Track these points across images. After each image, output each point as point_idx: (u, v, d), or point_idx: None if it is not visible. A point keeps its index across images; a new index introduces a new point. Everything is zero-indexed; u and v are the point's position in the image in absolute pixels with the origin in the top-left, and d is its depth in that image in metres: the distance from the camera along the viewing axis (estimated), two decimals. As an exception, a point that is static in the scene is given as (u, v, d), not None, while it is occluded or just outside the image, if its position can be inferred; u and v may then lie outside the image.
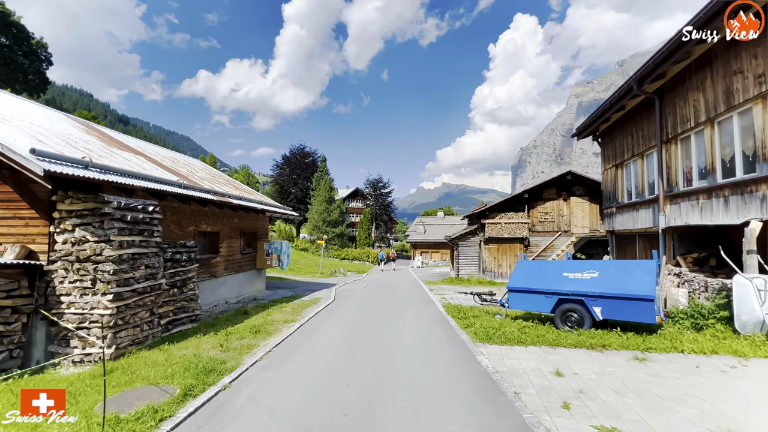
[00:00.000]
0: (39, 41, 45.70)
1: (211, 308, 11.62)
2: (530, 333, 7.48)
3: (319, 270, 26.87)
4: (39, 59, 46.59)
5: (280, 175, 62.46)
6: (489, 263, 21.24)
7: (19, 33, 43.02)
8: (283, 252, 15.35)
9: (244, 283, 14.28)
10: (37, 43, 45.54)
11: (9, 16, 41.25)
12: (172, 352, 6.49)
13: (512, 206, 21.36)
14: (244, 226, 14.23)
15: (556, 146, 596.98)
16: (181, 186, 8.92)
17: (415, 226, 46.17)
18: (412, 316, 10.26)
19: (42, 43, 46.40)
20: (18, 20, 42.49)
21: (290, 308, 11.53)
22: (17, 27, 42.43)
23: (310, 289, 17.26)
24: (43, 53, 47.52)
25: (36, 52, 45.87)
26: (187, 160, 15.57)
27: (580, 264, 8.68)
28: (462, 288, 18.21)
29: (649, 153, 11.54)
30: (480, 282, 20.35)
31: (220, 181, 14.28)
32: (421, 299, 13.96)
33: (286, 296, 14.59)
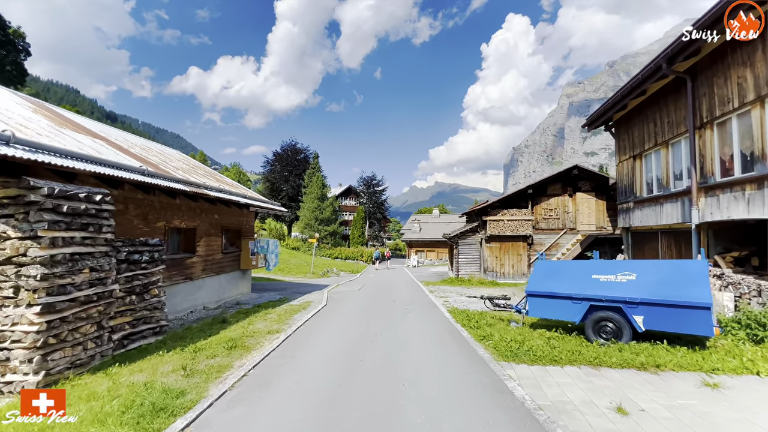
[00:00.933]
0: (16, 30, 43.49)
1: (186, 315, 10.20)
2: (561, 348, 6.26)
3: (311, 270, 25.48)
4: (16, 49, 44.29)
5: (270, 171, 60.71)
6: (491, 263, 20.08)
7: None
8: (270, 251, 13.97)
9: (225, 286, 12.87)
10: (14, 33, 43.31)
11: None
12: (120, 378, 5.12)
13: (515, 202, 20.22)
14: (226, 223, 12.81)
15: (547, 146, 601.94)
16: (145, 173, 7.51)
17: (410, 225, 44.96)
18: (415, 325, 8.98)
19: (19, 33, 44.15)
20: None
21: (276, 315, 10.17)
22: None
23: (301, 291, 15.89)
24: (21, 43, 45.21)
25: (13, 42, 43.59)
26: (163, 149, 14.09)
27: (611, 264, 7.49)
28: (464, 289, 17.01)
29: (676, 141, 10.43)
30: (481, 282, 19.19)
31: (199, 172, 12.84)
32: (422, 303, 12.70)
33: (273, 300, 13.21)
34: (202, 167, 14.99)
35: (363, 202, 64.16)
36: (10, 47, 43.56)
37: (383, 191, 65.10)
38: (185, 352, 6.36)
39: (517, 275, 19.84)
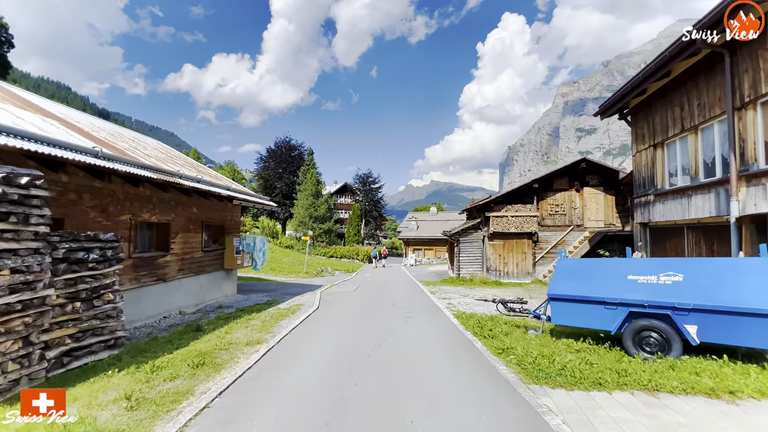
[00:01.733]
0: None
1: (157, 322, 8.98)
2: (600, 365, 5.14)
3: (304, 269, 24.28)
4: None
5: (264, 168, 59.29)
6: (493, 261, 19.00)
7: None
8: (256, 249, 12.76)
9: (207, 288, 11.64)
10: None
11: None
12: (40, 411, 3.90)
13: (519, 198, 19.16)
14: (207, 218, 11.58)
15: (542, 145, 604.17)
16: (99, 155, 6.27)
17: (407, 222, 43.83)
18: (419, 333, 7.83)
19: (1, 23, 42.42)
20: None
21: (260, 321, 8.97)
22: None
23: (291, 292, 14.69)
24: (3, 34, 43.50)
25: None
26: (138, 137, 12.80)
27: (650, 264, 6.40)
28: (466, 290, 15.90)
29: (708, 125, 9.37)
30: (484, 282, 18.11)
31: (177, 162, 11.57)
32: (424, 305, 11.56)
33: (260, 303, 12.01)
34: (184, 158, 13.71)
35: (359, 199, 62.93)
36: None
37: (379, 189, 63.92)
38: (140, 371, 5.17)
39: (522, 274, 18.79)
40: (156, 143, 13.74)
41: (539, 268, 18.83)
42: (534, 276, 18.70)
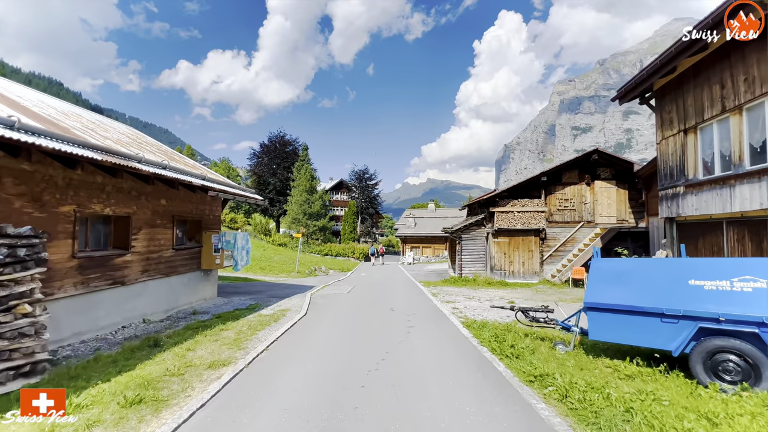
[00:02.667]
0: None
1: (112, 334, 7.56)
2: (670, 402, 3.82)
3: (296, 268, 22.87)
4: None
5: (257, 164, 57.74)
6: (498, 260, 17.72)
7: None
8: (238, 247, 11.35)
9: (179, 291, 10.23)
10: None
11: None
12: None
13: (526, 192, 17.87)
14: (180, 211, 10.16)
15: (538, 143, 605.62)
16: (16, 127, 4.85)
17: (404, 219, 42.52)
18: (425, 350, 6.48)
19: None
20: None
21: (235, 332, 7.60)
22: None
23: (279, 294, 13.30)
24: None
25: None
26: (103, 120, 11.31)
27: (718, 265, 5.08)
28: (470, 291, 14.60)
29: (757, 103, 8.10)
30: (489, 283, 16.82)
31: (147, 148, 10.10)
32: (427, 311, 10.22)
33: (241, 308, 10.63)
34: (157, 145, 12.23)
35: (355, 196, 61.52)
36: None
37: (376, 185, 62.57)
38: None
39: (528, 274, 17.53)
40: (126, 128, 12.26)
41: (547, 267, 17.58)
42: (541, 275, 17.45)
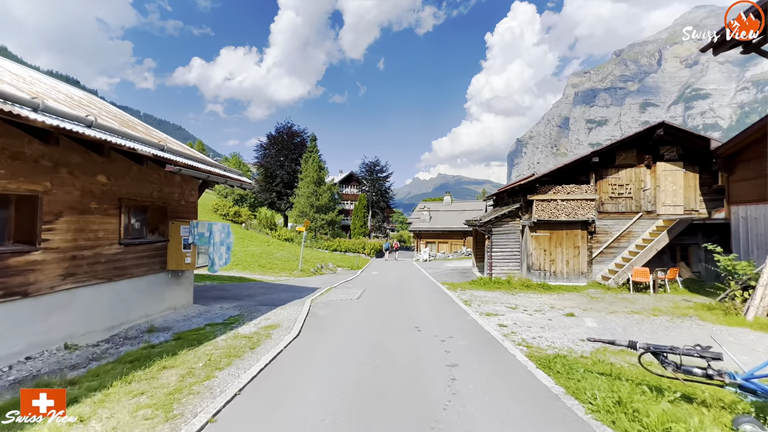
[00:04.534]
0: None
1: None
2: None
3: (299, 266, 20.27)
4: None
5: (264, 156, 55.53)
6: (537, 258, 14.79)
7: None
8: (213, 242, 8.71)
9: (132, 300, 7.65)
10: None
11: None
12: None
13: (571, 176, 14.87)
14: (131, 193, 7.56)
15: (551, 137, 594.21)
16: None
17: (418, 213, 39.63)
18: (492, 425, 3.70)
19: None
20: None
21: (184, 370, 4.96)
22: None
23: (272, 301, 10.69)
24: None
25: None
26: (56, 83, 8.75)
27: None
28: (508, 296, 11.77)
29: None
30: (527, 286, 13.93)
31: (92, 110, 7.49)
32: (467, 331, 7.38)
33: (216, 321, 8.03)
34: (118, 113, 9.62)
35: (365, 189, 58.79)
36: None
37: (387, 178, 59.70)
38: None
39: (574, 275, 14.58)
40: (77, 91, 9.65)
41: (596, 267, 14.59)
42: (590, 277, 14.48)
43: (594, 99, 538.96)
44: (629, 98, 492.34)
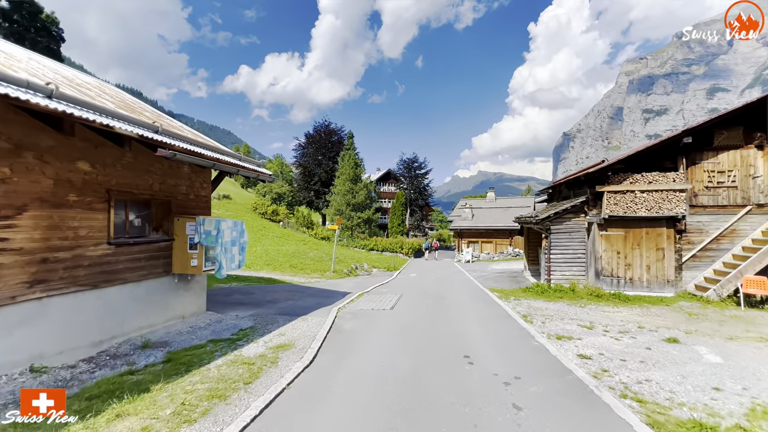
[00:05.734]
0: (49, 16, 41.60)
1: None
2: None
3: (332, 267, 19.02)
4: (50, 35, 42.40)
5: (303, 155, 55.66)
6: (608, 261, 12.28)
7: (30, 7, 39.76)
8: (224, 242, 7.46)
9: (126, 310, 6.54)
10: (46, 17, 41.40)
11: None
12: None
13: (653, 161, 12.20)
14: (124, 184, 6.45)
15: (603, 129, 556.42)
16: None
17: (459, 210, 37.24)
18: None
19: (53, 18, 42.23)
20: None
21: (148, 417, 3.58)
22: (27, 1, 39.42)
23: (294, 309, 9.33)
24: (54, 29, 43.30)
25: (47, 29, 41.79)
26: (32, 54, 7.98)
27: None
28: (574, 309, 9.56)
29: None
30: (597, 295, 11.50)
31: (104, 98, 6.51)
32: (538, 367, 5.40)
33: (221, 337, 6.74)
34: (113, 91, 8.70)
35: (403, 187, 57.04)
36: (44, 33, 41.68)
37: (426, 175, 57.52)
38: None
39: (657, 283, 11.91)
40: (57, 65, 8.83)
41: (687, 273, 11.82)
42: (678, 286, 11.75)
43: (651, 87, 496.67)
44: (694, 84, 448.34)
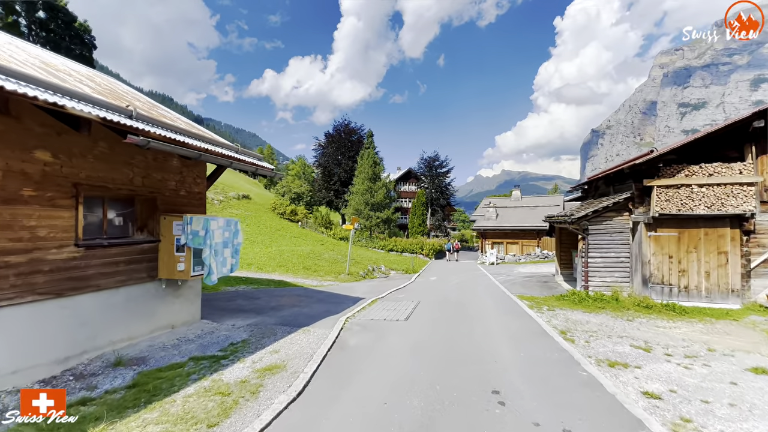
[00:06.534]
0: (82, 24, 43.14)
1: None
2: None
3: (346, 269, 18.07)
4: (83, 43, 43.96)
5: (322, 155, 55.33)
6: (658, 266, 10.67)
7: (65, 16, 41.54)
8: (213, 243, 6.57)
9: (99, 321, 5.75)
10: (79, 26, 42.96)
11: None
12: None
13: (713, 151, 10.50)
14: (94, 177, 5.65)
15: (634, 125, 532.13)
16: None
17: (482, 210, 35.57)
18: None
19: (85, 26, 43.79)
20: (63, 4, 41.14)
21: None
22: (62, 11, 41.03)
23: (297, 318, 8.38)
24: (87, 37, 44.87)
25: (80, 36, 43.37)
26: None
27: None
28: (622, 324, 8.13)
29: None
30: (645, 306, 9.94)
31: (79, 82, 5.80)
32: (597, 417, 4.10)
33: (204, 354, 5.84)
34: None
35: (424, 186, 55.61)
36: (77, 41, 43.25)
37: (448, 173, 55.84)
38: None
39: (719, 293, 10.22)
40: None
41: (757, 282, 10.06)
42: (746, 297, 10.02)
43: (688, 79, 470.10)
44: (736, 75, 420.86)
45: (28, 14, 39.14)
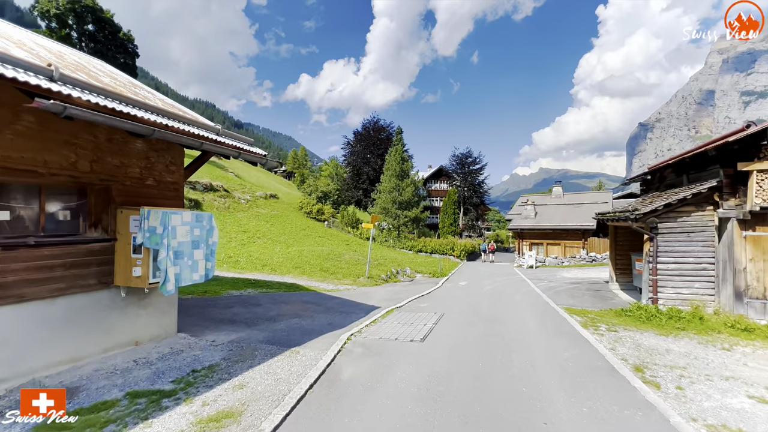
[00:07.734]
0: (125, 34, 45.13)
1: None
2: None
3: (366, 272, 16.54)
4: (126, 52, 45.98)
5: (351, 154, 54.54)
6: (757, 275, 8.20)
7: (110, 27, 43.81)
8: (170, 243, 5.22)
9: (30, 339, 4.55)
10: (123, 35, 44.96)
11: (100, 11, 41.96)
12: None
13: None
14: (14, 160, 4.46)
15: (688, 116, 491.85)
16: None
17: (519, 208, 32.83)
18: None
19: (129, 36, 45.77)
20: (109, 16, 43.26)
21: None
22: (108, 22, 42.61)
23: (290, 335, 6.93)
24: (131, 46, 46.87)
25: (124, 45, 45.40)
26: None
27: None
28: (720, 358, 5.94)
29: None
30: (742, 329, 7.55)
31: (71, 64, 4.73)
32: None
33: (157, 385, 4.49)
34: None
35: (456, 184, 53.12)
36: (121, 50, 45.29)
37: (481, 170, 53.01)
38: None
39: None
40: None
41: None
42: None
43: (752, 64, 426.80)
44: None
45: (78, 26, 41.33)
